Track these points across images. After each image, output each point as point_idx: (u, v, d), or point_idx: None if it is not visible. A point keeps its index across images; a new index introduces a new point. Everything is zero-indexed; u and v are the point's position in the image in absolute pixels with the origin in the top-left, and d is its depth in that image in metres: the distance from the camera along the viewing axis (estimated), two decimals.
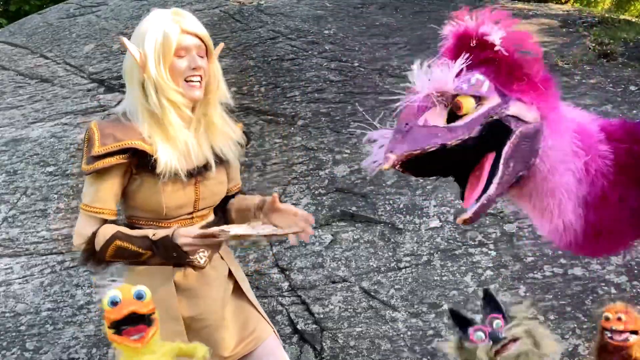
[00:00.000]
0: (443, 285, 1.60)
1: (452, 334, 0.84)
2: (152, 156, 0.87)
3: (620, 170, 0.64)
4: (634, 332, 0.91)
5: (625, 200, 0.64)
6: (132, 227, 0.93)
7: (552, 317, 1.46)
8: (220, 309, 0.97)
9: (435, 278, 1.62)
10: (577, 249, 0.69)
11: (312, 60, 2.64)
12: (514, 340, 0.77)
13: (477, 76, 0.60)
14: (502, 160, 0.59)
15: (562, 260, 1.59)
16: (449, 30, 0.63)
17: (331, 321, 1.58)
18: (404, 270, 1.67)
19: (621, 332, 0.91)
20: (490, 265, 1.62)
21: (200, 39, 0.91)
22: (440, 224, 1.77)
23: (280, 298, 1.68)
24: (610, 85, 2.24)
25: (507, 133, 0.60)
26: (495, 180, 0.59)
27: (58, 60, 3.04)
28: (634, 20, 3.02)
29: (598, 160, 0.64)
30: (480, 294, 0.91)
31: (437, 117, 0.59)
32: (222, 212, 1.04)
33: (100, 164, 0.86)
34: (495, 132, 0.60)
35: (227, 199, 1.03)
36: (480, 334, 0.78)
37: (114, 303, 0.67)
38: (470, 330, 0.80)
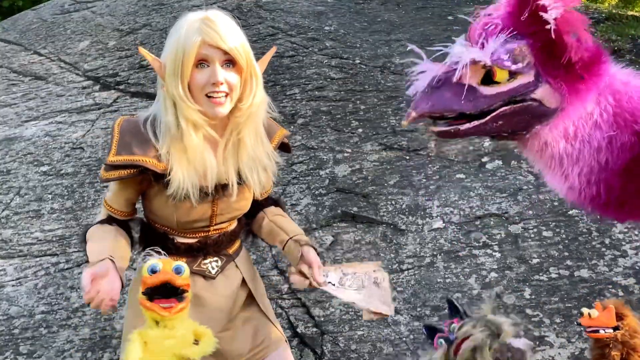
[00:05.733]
0: (446, 287, 1.56)
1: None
2: (164, 174, 0.82)
3: None
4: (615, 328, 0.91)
5: None
6: (150, 229, 0.91)
7: (558, 320, 1.43)
8: (226, 320, 0.94)
9: (439, 280, 1.59)
10: (601, 212, 0.69)
11: (313, 57, 2.59)
12: (466, 338, 0.76)
13: (522, 47, 0.60)
14: (493, 113, 0.61)
15: (569, 262, 1.56)
16: None
17: (332, 324, 1.55)
18: (406, 272, 1.64)
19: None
20: (495, 267, 1.59)
21: (225, 51, 0.79)
22: (444, 225, 1.74)
23: (280, 300, 1.65)
24: None
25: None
26: (474, 123, 0.61)
27: (52, 57, 2.99)
28: None
29: (627, 137, 0.63)
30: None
31: (474, 74, 0.61)
32: (248, 218, 1.00)
33: (111, 175, 0.83)
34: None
35: (256, 204, 0.98)
36: (442, 340, 0.80)
37: (153, 271, 0.68)
38: (435, 338, 0.82)
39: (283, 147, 0.99)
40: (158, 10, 3.18)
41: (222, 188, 0.87)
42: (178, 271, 0.69)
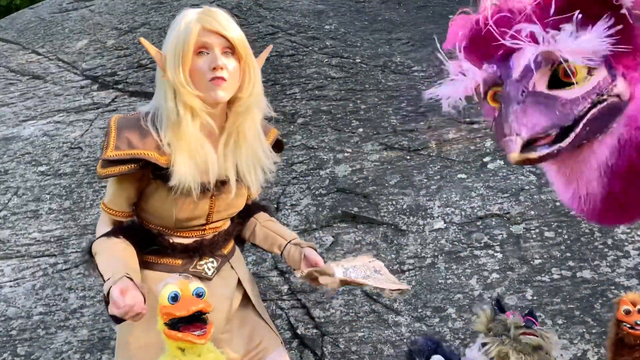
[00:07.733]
0: (448, 288, 1.55)
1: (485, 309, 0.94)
2: (167, 167, 0.82)
3: None
4: None
5: None
6: (144, 229, 0.90)
7: (560, 322, 1.42)
8: (225, 322, 0.93)
9: (440, 281, 1.58)
10: (598, 218, 0.66)
11: (313, 56, 2.58)
12: (540, 336, 0.86)
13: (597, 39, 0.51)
14: (584, 120, 0.54)
15: (571, 263, 1.55)
16: None
17: (332, 325, 1.54)
18: (407, 273, 1.63)
19: None
20: (497, 267, 1.58)
21: (225, 37, 0.82)
22: (445, 225, 1.73)
23: (279, 302, 1.64)
24: None
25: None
26: (572, 135, 0.53)
27: (50, 56, 2.97)
28: None
29: (633, 132, 0.59)
30: (493, 301, 0.99)
31: (540, 79, 0.53)
32: (241, 219, 0.99)
33: (111, 171, 0.83)
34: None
35: (246, 210, 0.98)
36: (518, 316, 0.89)
37: (174, 299, 0.65)
38: (508, 312, 0.90)
39: (277, 146, 1.00)
40: (157, 9, 3.16)
41: (221, 184, 0.87)
42: (199, 294, 0.67)
